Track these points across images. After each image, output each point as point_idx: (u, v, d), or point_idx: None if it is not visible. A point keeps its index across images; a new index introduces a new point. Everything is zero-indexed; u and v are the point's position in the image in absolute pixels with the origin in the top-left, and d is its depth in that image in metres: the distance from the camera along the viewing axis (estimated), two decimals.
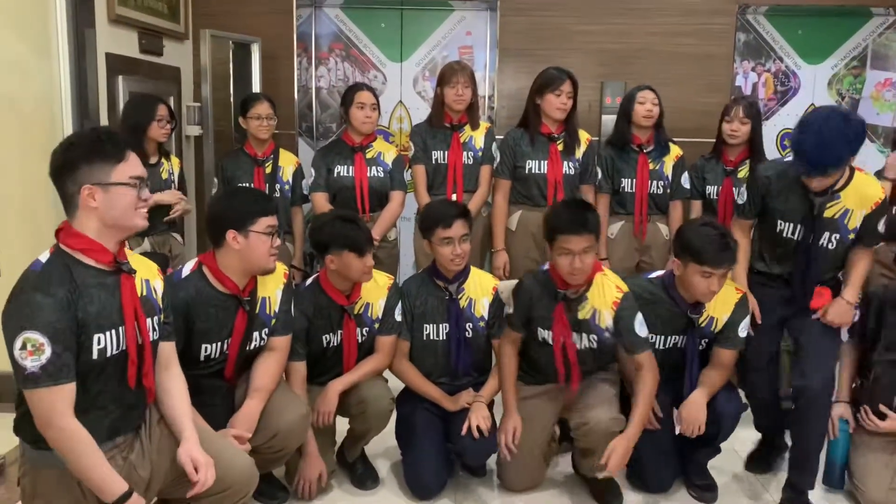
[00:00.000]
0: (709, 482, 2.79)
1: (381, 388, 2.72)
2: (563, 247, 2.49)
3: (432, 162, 3.50)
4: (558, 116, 3.38)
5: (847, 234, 2.64)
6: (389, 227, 3.51)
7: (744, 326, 2.65)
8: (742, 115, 3.36)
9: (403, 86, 4.91)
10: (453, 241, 2.68)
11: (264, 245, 2.33)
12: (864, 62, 4.80)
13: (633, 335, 2.56)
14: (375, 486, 2.80)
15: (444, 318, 2.79)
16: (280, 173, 3.60)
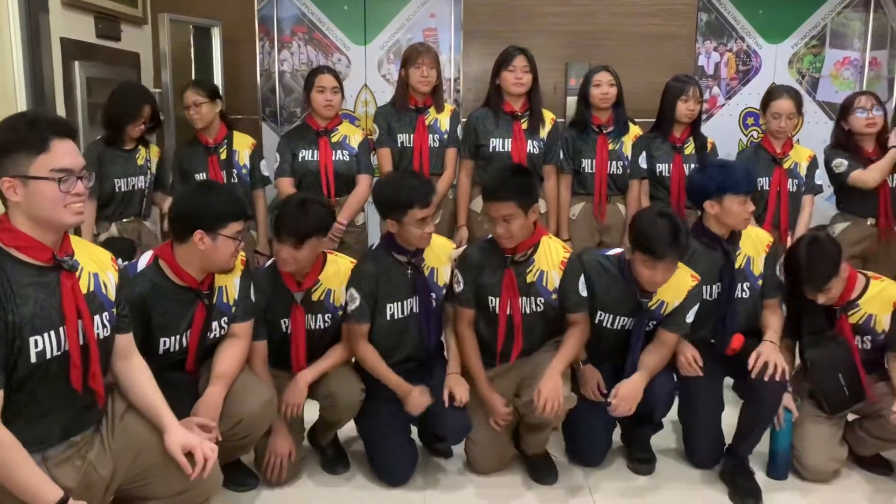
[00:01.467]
0: (649, 456, 2.84)
1: (351, 381, 2.68)
2: (486, 213, 2.57)
3: (398, 145, 3.49)
4: (516, 91, 3.39)
5: (756, 282, 2.78)
6: (357, 212, 3.49)
7: (692, 313, 2.68)
8: (698, 95, 3.46)
9: (368, 69, 4.87)
10: (427, 220, 2.60)
11: (230, 249, 2.31)
12: (824, 41, 4.87)
13: (576, 294, 2.63)
14: (345, 471, 2.80)
15: (410, 293, 2.72)
16: (236, 157, 3.53)
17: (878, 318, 2.66)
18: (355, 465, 2.84)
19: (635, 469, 2.83)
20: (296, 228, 2.52)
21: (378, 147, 3.52)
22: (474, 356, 2.72)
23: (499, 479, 2.76)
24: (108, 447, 1.94)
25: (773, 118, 3.44)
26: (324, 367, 2.67)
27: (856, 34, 4.85)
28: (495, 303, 2.67)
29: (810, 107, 4.87)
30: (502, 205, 2.53)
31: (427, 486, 2.72)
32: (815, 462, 2.66)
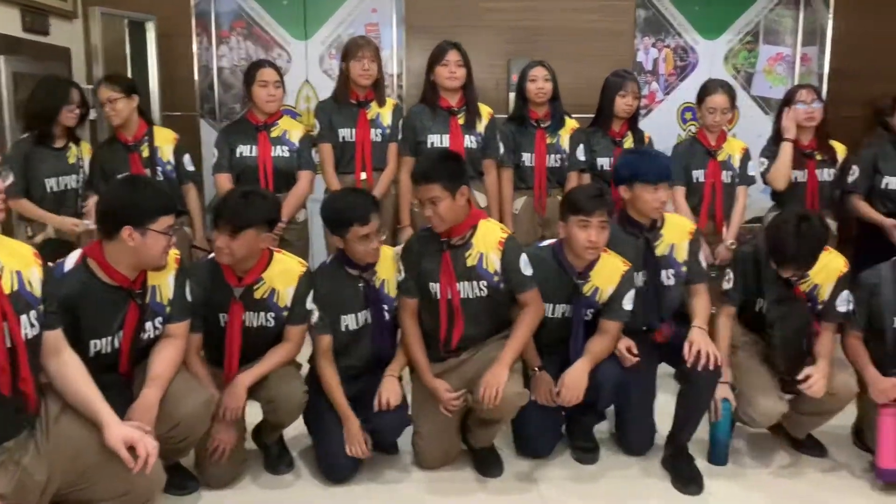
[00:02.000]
0: (591, 444, 2.88)
1: (293, 384, 2.62)
2: (416, 197, 2.60)
3: (339, 140, 3.45)
4: (450, 86, 3.39)
5: (680, 269, 2.83)
6: (297, 208, 3.44)
7: (628, 299, 2.72)
8: (636, 91, 3.52)
9: (309, 64, 4.81)
10: (370, 236, 2.61)
11: (161, 244, 2.24)
12: (758, 37, 5.00)
13: (520, 274, 2.64)
14: (289, 470, 2.76)
15: (363, 306, 2.72)
16: (158, 154, 3.40)
17: (821, 289, 2.75)
18: (300, 463, 2.80)
19: (579, 458, 2.85)
20: (233, 217, 2.48)
21: (319, 142, 3.47)
22: (418, 347, 2.72)
23: (445, 474, 2.76)
24: (43, 451, 1.89)
25: (708, 112, 3.52)
26: (265, 369, 2.59)
27: (788, 31, 4.99)
28: (435, 288, 2.67)
29: (745, 101, 4.99)
30: (428, 187, 2.56)
31: (372, 481, 2.70)
32: (765, 403, 2.68)
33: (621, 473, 2.79)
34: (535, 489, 2.67)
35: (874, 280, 2.72)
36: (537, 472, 2.77)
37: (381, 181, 3.44)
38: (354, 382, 2.74)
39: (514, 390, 2.56)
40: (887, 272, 2.71)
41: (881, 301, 2.67)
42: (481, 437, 2.76)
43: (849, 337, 2.76)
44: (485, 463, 2.77)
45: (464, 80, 3.41)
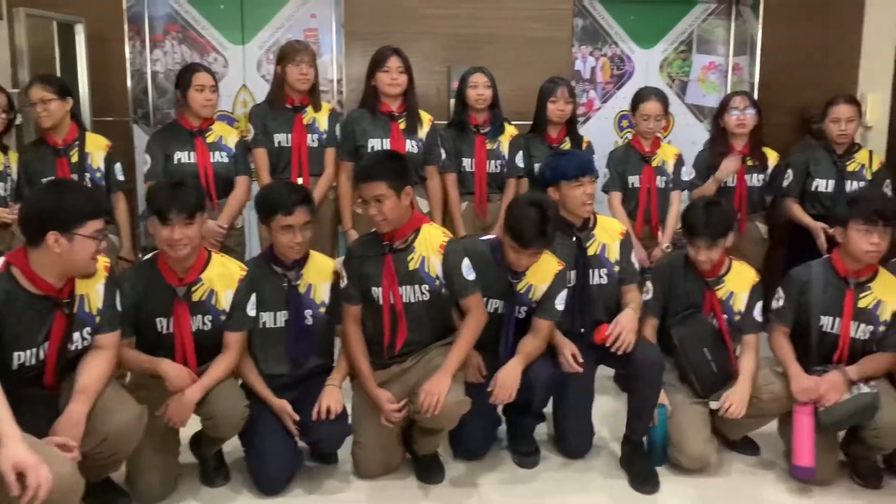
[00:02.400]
0: (532, 448, 2.89)
1: (232, 399, 2.55)
2: (360, 195, 2.63)
3: (274, 145, 3.41)
4: (391, 92, 3.39)
5: (612, 268, 2.88)
6: (237, 214, 3.40)
7: (560, 299, 2.76)
8: (567, 96, 3.58)
9: (247, 69, 4.74)
10: (294, 228, 2.59)
11: (88, 249, 2.17)
12: (691, 47, 5.12)
13: (461, 278, 2.64)
14: (224, 483, 2.70)
15: (283, 306, 2.69)
16: (88, 160, 3.29)
17: (736, 296, 2.83)
18: (237, 476, 2.73)
19: (520, 462, 2.86)
20: (185, 202, 2.44)
21: (253, 147, 3.42)
22: (361, 355, 2.69)
23: (386, 483, 2.73)
24: None
25: (642, 119, 3.59)
26: (210, 382, 2.51)
27: (720, 40, 5.13)
28: (378, 293, 2.65)
29: (680, 109, 5.11)
30: (374, 185, 2.56)
31: (311, 492, 2.66)
32: (694, 449, 2.74)
33: (561, 476, 2.81)
34: (476, 494, 2.67)
35: (805, 277, 2.78)
36: (479, 478, 2.77)
37: (319, 186, 3.41)
38: (288, 392, 2.69)
39: (454, 399, 2.54)
40: (818, 270, 2.78)
41: (810, 298, 2.75)
42: (424, 445, 2.75)
43: (775, 332, 2.83)
44: (426, 470, 2.75)
45: (405, 87, 3.41)
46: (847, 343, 2.71)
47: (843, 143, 3.68)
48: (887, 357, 2.69)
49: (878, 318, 2.70)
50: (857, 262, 2.70)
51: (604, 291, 2.90)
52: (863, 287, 2.72)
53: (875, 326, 2.70)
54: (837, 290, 2.72)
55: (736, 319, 2.84)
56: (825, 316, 2.73)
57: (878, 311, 2.70)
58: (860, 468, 2.76)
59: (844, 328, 2.70)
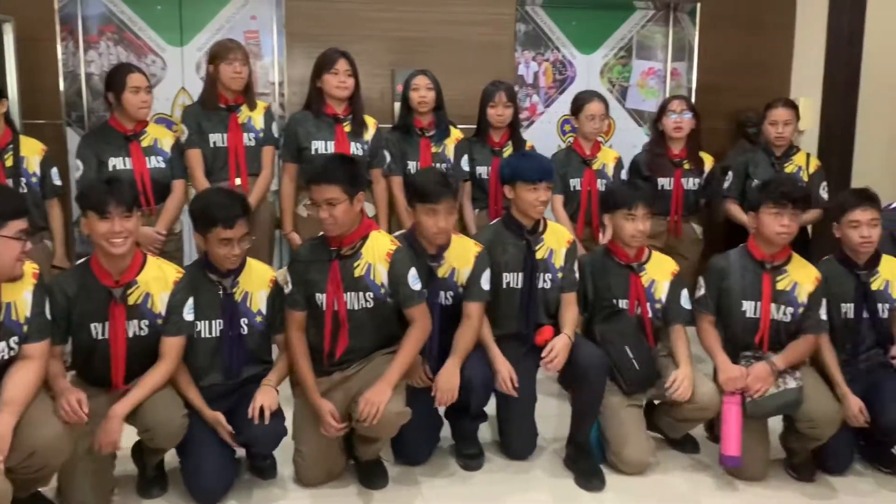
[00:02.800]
0: (476, 451, 2.89)
1: (170, 409, 2.46)
2: (310, 197, 2.63)
3: (210, 146, 3.35)
4: (339, 95, 3.37)
5: (556, 274, 2.91)
6: (175, 219, 3.32)
7: (485, 279, 2.79)
8: (505, 100, 3.59)
9: (185, 71, 4.65)
10: (233, 241, 2.53)
11: (12, 251, 2.09)
12: (631, 52, 5.22)
13: (407, 288, 2.63)
14: (161, 494, 2.62)
15: (218, 314, 2.62)
16: (24, 164, 3.16)
17: (657, 284, 2.90)
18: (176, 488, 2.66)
19: (465, 465, 2.86)
20: (123, 195, 2.38)
21: (187, 148, 3.35)
22: (303, 363, 2.65)
23: (328, 490, 2.69)
24: None
25: (588, 120, 3.64)
26: (142, 395, 2.42)
27: (658, 46, 5.24)
28: (322, 299, 2.62)
29: (620, 114, 5.20)
30: (327, 187, 2.53)
31: (250, 501, 2.61)
32: (633, 455, 2.78)
33: (506, 477, 2.82)
34: (420, 497, 2.65)
35: (723, 264, 2.89)
36: (423, 482, 2.76)
37: (257, 188, 3.36)
38: (223, 401, 2.63)
39: (394, 409, 2.52)
40: (736, 257, 2.89)
41: (730, 284, 2.84)
42: (365, 451, 2.72)
43: (701, 321, 2.90)
44: (369, 475, 2.73)
45: (353, 90, 3.39)
46: (768, 325, 2.81)
47: (781, 145, 3.78)
48: (807, 342, 2.80)
49: (796, 299, 2.81)
50: (771, 246, 2.81)
51: (546, 296, 2.92)
52: (779, 270, 2.83)
53: (794, 308, 2.81)
54: (755, 274, 2.83)
55: (657, 308, 2.90)
56: (746, 300, 2.82)
57: (796, 292, 2.81)
58: (795, 462, 2.84)
59: (765, 311, 2.80)
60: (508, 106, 3.59)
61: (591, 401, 2.78)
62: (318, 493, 2.67)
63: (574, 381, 2.80)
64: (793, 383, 2.70)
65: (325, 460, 2.70)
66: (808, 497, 2.73)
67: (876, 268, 2.88)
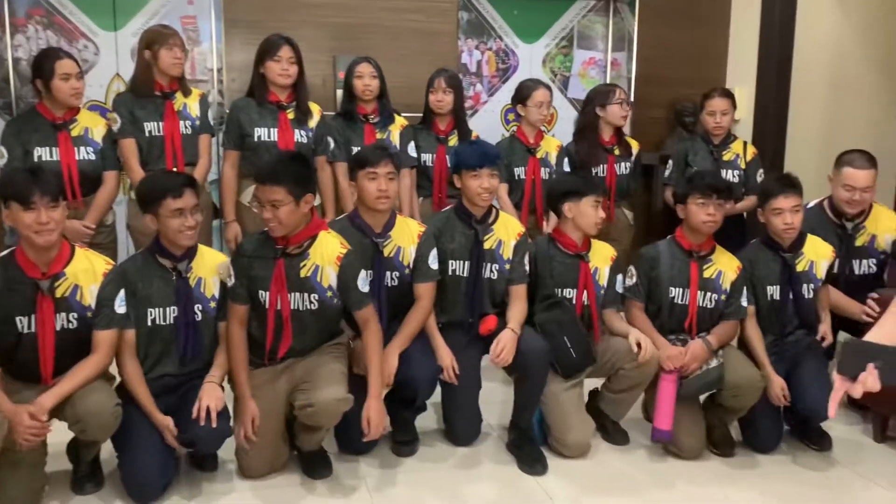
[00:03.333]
0: (410, 437, 2.91)
1: (102, 398, 2.38)
2: (257, 196, 2.58)
3: (145, 135, 3.25)
4: (282, 83, 3.33)
5: (504, 265, 2.93)
6: (105, 212, 3.22)
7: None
8: (445, 86, 3.58)
9: (120, 57, 4.51)
10: (185, 211, 2.48)
11: None
12: (572, 42, 5.27)
13: (355, 291, 2.61)
14: (96, 490, 2.55)
15: (172, 301, 2.56)
16: None
17: (600, 271, 2.98)
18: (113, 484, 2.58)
19: (397, 451, 2.87)
20: (48, 184, 2.30)
21: (121, 137, 3.24)
22: (239, 358, 2.61)
23: (271, 481, 2.67)
24: None
25: (536, 107, 3.66)
26: (70, 387, 2.35)
27: (599, 36, 5.30)
28: (265, 297, 2.58)
29: (563, 103, 5.25)
30: (272, 188, 2.49)
31: (191, 497, 2.56)
32: (575, 439, 2.83)
33: (450, 463, 2.83)
34: (364, 487, 2.65)
35: (653, 254, 2.99)
36: (367, 471, 2.75)
37: (198, 174, 3.27)
38: (172, 394, 2.58)
39: (335, 396, 2.51)
40: (665, 247, 3.00)
41: (660, 273, 2.94)
42: (307, 441, 2.69)
43: (632, 308, 3.00)
44: (313, 465, 2.70)
45: (296, 77, 3.34)
46: (695, 311, 2.92)
47: (719, 134, 3.87)
48: (731, 325, 2.95)
49: (721, 286, 2.93)
50: (698, 235, 2.92)
51: (492, 286, 2.93)
52: (705, 259, 2.95)
53: (719, 295, 2.93)
54: (683, 262, 2.94)
55: (602, 294, 2.97)
56: (674, 287, 2.93)
57: (720, 280, 2.94)
58: (714, 436, 2.94)
59: (692, 297, 2.91)
60: (448, 92, 3.59)
61: (533, 388, 2.82)
62: (260, 484, 2.64)
63: (517, 369, 2.83)
64: (714, 362, 2.83)
65: (267, 451, 2.66)
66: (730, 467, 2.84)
67: (801, 249, 2.99)
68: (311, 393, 2.52)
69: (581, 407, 2.92)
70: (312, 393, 2.51)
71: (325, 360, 2.63)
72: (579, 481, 2.72)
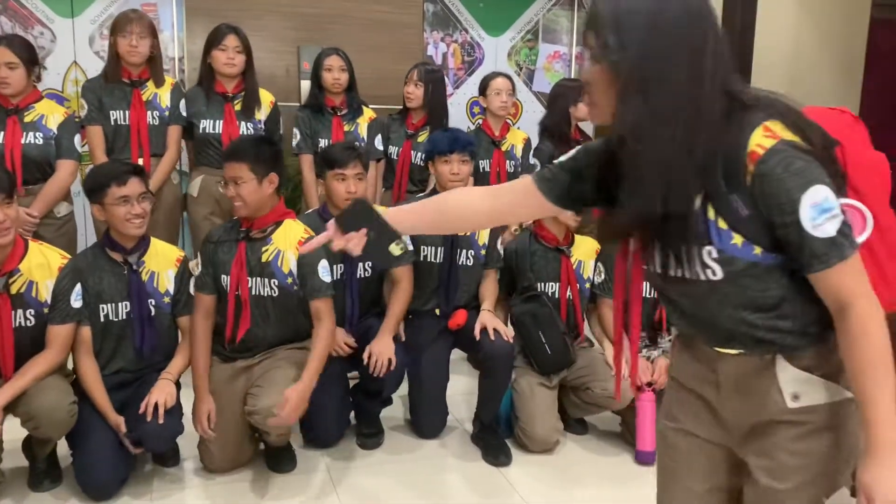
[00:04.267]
0: (375, 430, 2.90)
1: (57, 395, 2.33)
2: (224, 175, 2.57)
3: (111, 123, 3.18)
4: (227, 72, 3.28)
5: (479, 251, 2.93)
6: (54, 201, 3.06)
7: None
8: (416, 79, 3.57)
9: (78, 45, 4.40)
10: (130, 199, 2.43)
11: None
12: (537, 36, 5.29)
13: (316, 278, 2.58)
14: (54, 486, 2.50)
15: (124, 296, 2.52)
16: None
17: (585, 264, 2.97)
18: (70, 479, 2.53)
19: (362, 444, 2.86)
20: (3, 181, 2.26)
21: (87, 124, 3.17)
22: (201, 351, 2.58)
23: (235, 475, 2.64)
24: None
25: (494, 95, 3.67)
26: (23, 384, 2.30)
27: (564, 30, 5.33)
28: (227, 281, 2.57)
29: (528, 97, 5.27)
30: (234, 165, 2.51)
31: (150, 492, 2.52)
32: (540, 433, 2.83)
33: (416, 456, 2.83)
34: (330, 481, 2.63)
35: None
36: (332, 464, 2.74)
37: (160, 169, 3.22)
38: (125, 389, 2.53)
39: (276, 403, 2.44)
40: None
41: None
42: (275, 438, 2.66)
43: (603, 306, 2.98)
44: (277, 459, 2.68)
45: (243, 67, 3.29)
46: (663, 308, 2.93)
47: None
48: None
49: None
50: None
51: (467, 273, 2.94)
52: None
53: None
54: None
55: (587, 287, 2.98)
56: None
57: None
58: None
59: None
60: (419, 86, 3.57)
61: (496, 387, 2.83)
62: (222, 479, 2.61)
63: (481, 368, 2.85)
64: None
65: (230, 449, 2.63)
66: None
67: None
68: (256, 399, 2.49)
69: (553, 407, 2.91)
70: (258, 399, 2.48)
71: (281, 363, 2.59)
72: (543, 472, 2.74)
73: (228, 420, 2.57)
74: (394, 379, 2.77)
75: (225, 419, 2.57)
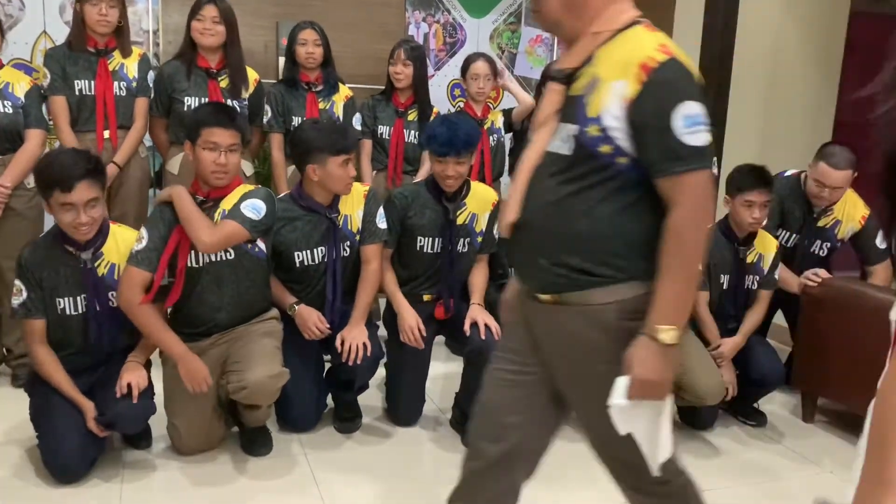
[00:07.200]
0: (352, 415, 2.86)
1: None
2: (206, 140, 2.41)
3: (75, 93, 3.06)
4: (206, 44, 3.17)
5: (476, 238, 2.88)
6: (25, 172, 2.95)
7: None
8: (404, 58, 3.50)
9: (47, 14, 4.25)
10: (76, 207, 2.27)
11: None
12: (520, 19, 5.23)
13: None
14: None
15: (81, 290, 2.41)
16: None
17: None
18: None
19: (339, 428, 2.82)
20: None
21: (50, 94, 3.05)
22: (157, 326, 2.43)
23: (208, 456, 2.58)
24: None
25: (472, 80, 3.62)
26: None
27: None
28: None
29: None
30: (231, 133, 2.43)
31: (120, 474, 2.45)
32: None
33: (392, 442, 2.79)
34: (307, 464, 2.58)
35: None
36: (308, 449, 2.68)
37: (127, 142, 3.12)
38: (88, 375, 2.45)
39: (270, 372, 2.43)
40: None
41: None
42: (250, 418, 2.60)
43: None
44: (252, 442, 2.62)
45: (223, 39, 3.18)
46: None
47: None
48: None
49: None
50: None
51: (462, 259, 2.87)
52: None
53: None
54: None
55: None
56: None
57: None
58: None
59: None
60: (407, 64, 3.50)
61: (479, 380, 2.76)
62: (192, 461, 2.55)
63: (467, 360, 2.79)
64: None
65: (201, 429, 2.57)
66: None
67: (752, 242, 2.98)
68: (243, 374, 2.42)
69: None
70: (244, 374, 2.42)
71: (254, 336, 2.52)
72: None
73: (195, 400, 2.49)
74: (367, 370, 2.71)
75: (192, 400, 2.49)
